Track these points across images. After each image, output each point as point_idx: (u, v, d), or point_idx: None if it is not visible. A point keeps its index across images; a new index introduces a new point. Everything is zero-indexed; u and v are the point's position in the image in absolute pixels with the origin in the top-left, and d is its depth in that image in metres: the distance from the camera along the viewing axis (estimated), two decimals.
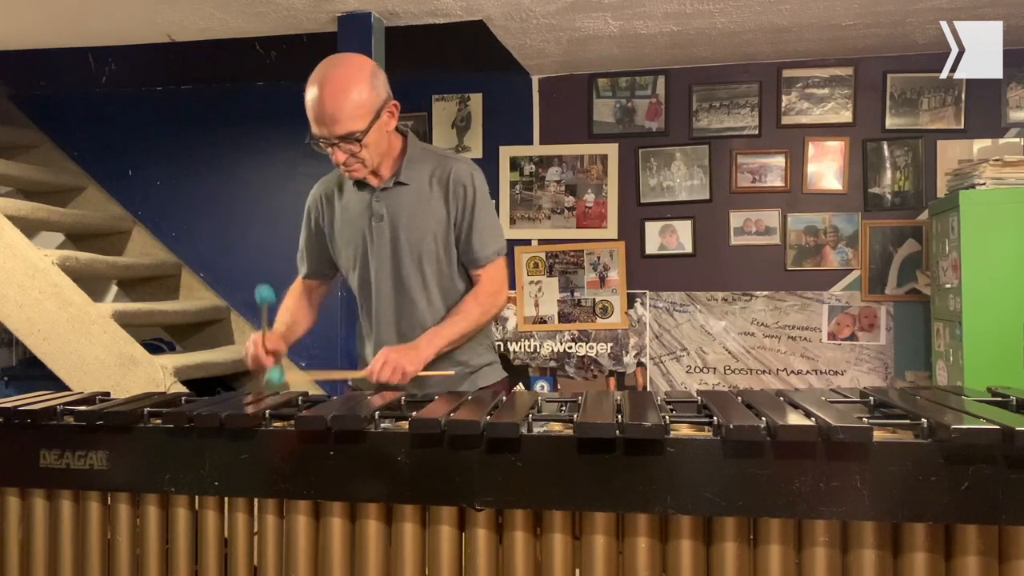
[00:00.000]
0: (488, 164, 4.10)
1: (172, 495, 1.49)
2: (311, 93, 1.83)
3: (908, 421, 1.33)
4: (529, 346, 4.19)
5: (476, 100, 4.24)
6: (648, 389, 4.09)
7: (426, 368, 1.91)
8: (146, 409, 1.54)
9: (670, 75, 4.08)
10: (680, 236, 4.07)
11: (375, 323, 2.03)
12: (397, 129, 1.99)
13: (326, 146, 1.87)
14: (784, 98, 3.99)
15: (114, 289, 4.50)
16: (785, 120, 3.99)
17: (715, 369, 4.04)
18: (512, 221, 4.19)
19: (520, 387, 4.16)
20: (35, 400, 1.67)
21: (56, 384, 3.33)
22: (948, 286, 3.34)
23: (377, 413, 1.47)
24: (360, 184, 2.00)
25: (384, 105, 1.88)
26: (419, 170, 1.99)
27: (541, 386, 4.18)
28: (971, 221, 3.16)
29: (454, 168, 1.99)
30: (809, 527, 1.28)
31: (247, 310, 4.42)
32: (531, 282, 4.18)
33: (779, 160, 3.99)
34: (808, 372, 3.97)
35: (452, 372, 1.97)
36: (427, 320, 1.99)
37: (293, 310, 2.13)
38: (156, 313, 3.99)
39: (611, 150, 4.14)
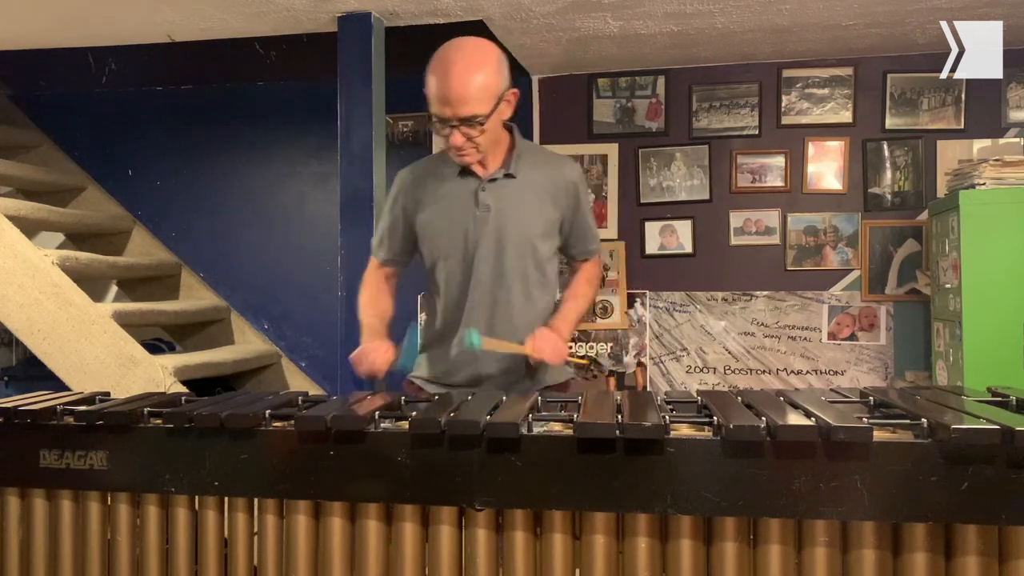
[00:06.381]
0: None
1: (172, 495, 1.49)
2: (438, 72, 1.81)
3: (908, 421, 1.33)
4: None
5: None
6: (648, 389, 4.08)
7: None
8: (146, 409, 1.54)
9: (670, 75, 4.08)
10: (680, 236, 4.07)
11: (467, 312, 1.99)
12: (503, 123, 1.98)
13: (442, 128, 1.85)
14: (784, 98, 3.99)
15: (114, 289, 4.50)
16: (785, 120, 3.99)
17: (715, 369, 4.04)
18: None
19: None
20: (35, 400, 1.67)
21: (56, 384, 3.33)
22: (948, 286, 3.34)
23: (377, 413, 1.47)
24: (464, 173, 1.98)
25: (504, 93, 1.87)
26: (527, 165, 1.99)
27: None
28: (971, 221, 3.16)
29: (566, 167, 2.05)
30: (809, 527, 1.28)
31: (247, 310, 4.42)
32: None
33: (779, 160, 3.99)
34: (808, 372, 3.97)
35: (587, 361, 2.09)
36: (520, 312, 1.99)
37: (383, 304, 2.12)
38: (156, 313, 3.99)
39: (611, 150, 4.13)
